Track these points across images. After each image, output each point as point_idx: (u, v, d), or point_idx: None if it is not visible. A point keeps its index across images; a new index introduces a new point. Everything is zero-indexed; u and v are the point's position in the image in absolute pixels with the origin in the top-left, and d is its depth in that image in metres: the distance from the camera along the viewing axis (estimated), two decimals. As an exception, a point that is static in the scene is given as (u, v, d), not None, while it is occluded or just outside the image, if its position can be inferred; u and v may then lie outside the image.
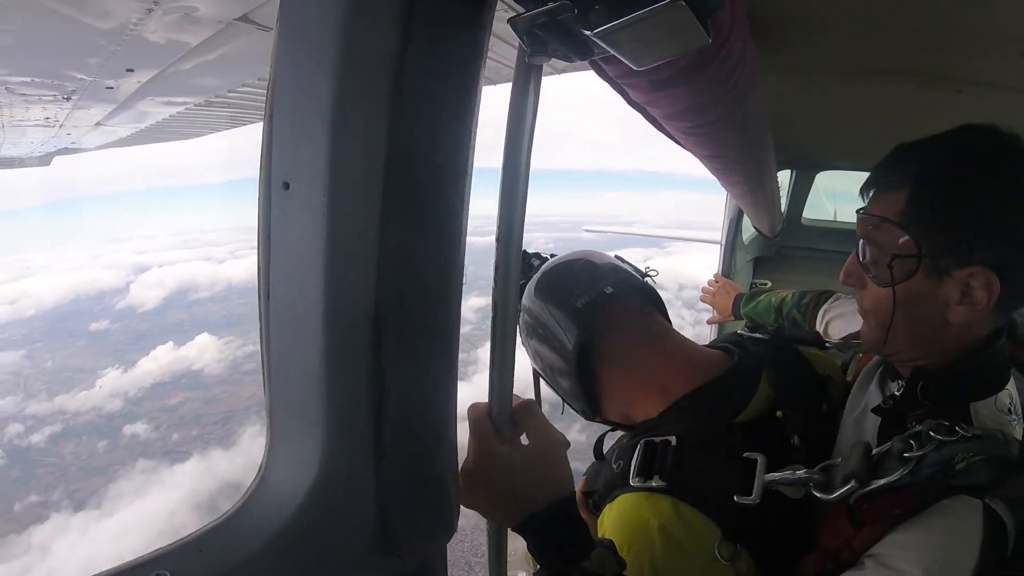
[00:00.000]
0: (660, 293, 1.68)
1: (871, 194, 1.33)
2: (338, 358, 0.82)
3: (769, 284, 2.84)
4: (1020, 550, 1.07)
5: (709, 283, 2.92)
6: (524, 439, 1.15)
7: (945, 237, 1.19)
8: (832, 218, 5.85)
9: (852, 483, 1.12)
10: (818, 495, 1.16)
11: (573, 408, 1.67)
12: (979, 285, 1.18)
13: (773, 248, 5.64)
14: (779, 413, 1.40)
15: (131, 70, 1.96)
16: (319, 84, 0.73)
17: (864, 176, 1.36)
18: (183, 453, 54.19)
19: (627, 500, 1.30)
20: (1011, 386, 1.30)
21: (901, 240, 1.22)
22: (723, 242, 5.44)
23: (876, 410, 1.35)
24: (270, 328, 0.85)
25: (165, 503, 46.89)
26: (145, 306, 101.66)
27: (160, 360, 74.81)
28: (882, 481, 1.11)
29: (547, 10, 0.80)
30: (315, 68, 0.73)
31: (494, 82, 3.50)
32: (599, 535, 1.35)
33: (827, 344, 1.74)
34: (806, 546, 1.26)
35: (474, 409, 1.12)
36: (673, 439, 1.31)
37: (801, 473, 1.19)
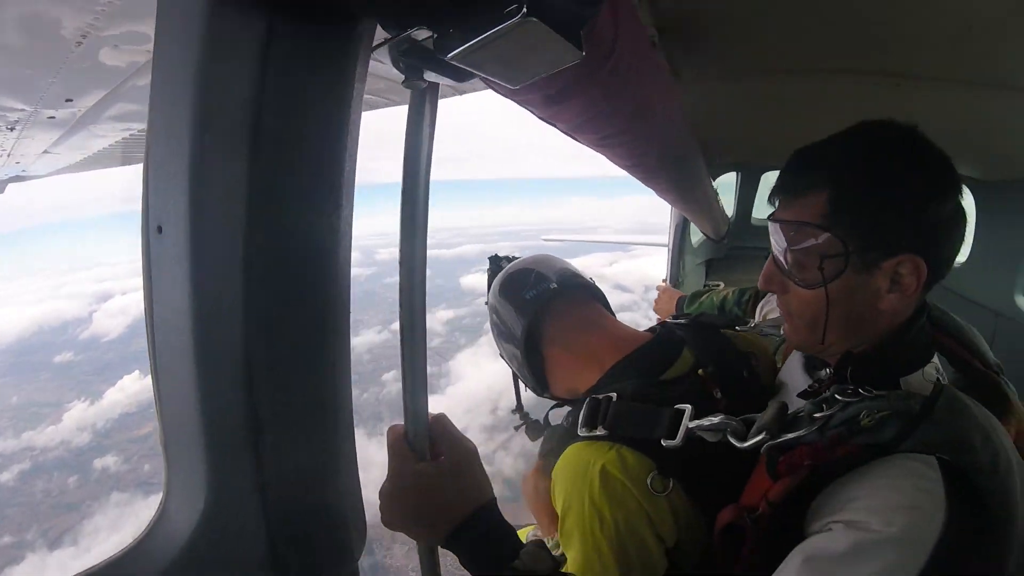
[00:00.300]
0: (626, 295, 1.85)
1: (779, 200, 1.37)
2: (213, 396, 0.82)
3: (721, 285, 2.92)
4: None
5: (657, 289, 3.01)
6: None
7: (870, 232, 1.24)
8: None
9: (764, 434, 1.22)
10: (733, 441, 1.27)
11: (527, 386, 1.92)
12: (907, 272, 1.24)
13: (723, 250, 5.74)
14: (700, 371, 1.56)
15: (70, 100, 1.95)
16: (181, 130, 0.74)
17: None
18: (156, 484, 52.92)
19: (572, 449, 1.45)
20: (936, 359, 1.37)
21: (827, 241, 1.26)
22: (670, 247, 5.61)
23: (803, 394, 1.39)
24: (157, 365, 0.86)
25: (141, 535, 45.80)
26: (109, 335, 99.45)
27: (127, 390, 73.01)
28: (791, 435, 1.20)
29: (406, 37, 0.82)
30: (179, 114, 0.74)
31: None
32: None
33: (751, 324, 1.92)
34: (737, 493, 1.34)
35: (391, 432, 1.15)
36: (614, 395, 1.46)
37: (717, 420, 1.30)
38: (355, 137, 0.89)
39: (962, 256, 4.68)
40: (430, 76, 0.91)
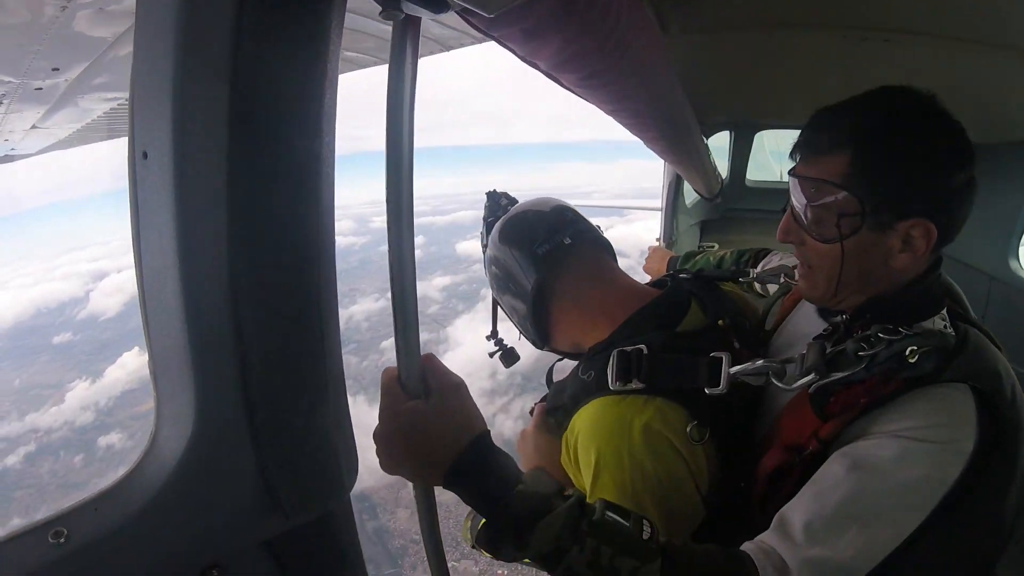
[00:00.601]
0: (622, 260, 1.85)
1: (800, 156, 1.40)
2: (199, 322, 0.83)
3: (716, 247, 2.92)
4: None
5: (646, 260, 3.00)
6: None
7: (887, 194, 1.30)
8: (778, 178, 5.87)
9: (812, 375, 1.27)
10: (779, 384, 1.32)
11: (525, 337, 1.85)
12: (919, 234, 1.30)
13: (717, 211, 5.68)
14: (721, 322, 1.58)
15: (57, 69, 1.94)
16: (164, 57, 0.74)
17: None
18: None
19: (605, 403, 1.45)
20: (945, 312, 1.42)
21: (845, 200, 1.31)
22: (663, 207, 5.49)
23: (820, 337, 1.42)
24: (144, 293, 0.87)
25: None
26: (107, 314, 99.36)
27: (127, 367, 73.32)
28: (840, 374, 1.25)
29: None
30: (161, 41, 0.74)
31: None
32: (568, 446, 1.53)
33: (754, 276, 1.96)
34: (761, 439, 1.46)
35: (385, 374, 1.13)
36: (644, 347, 1.46)
37: (760, 363, 1.35)
38: (334, 66, 0.88)
39: None
40: (408, 8, 0.89)
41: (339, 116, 0.91)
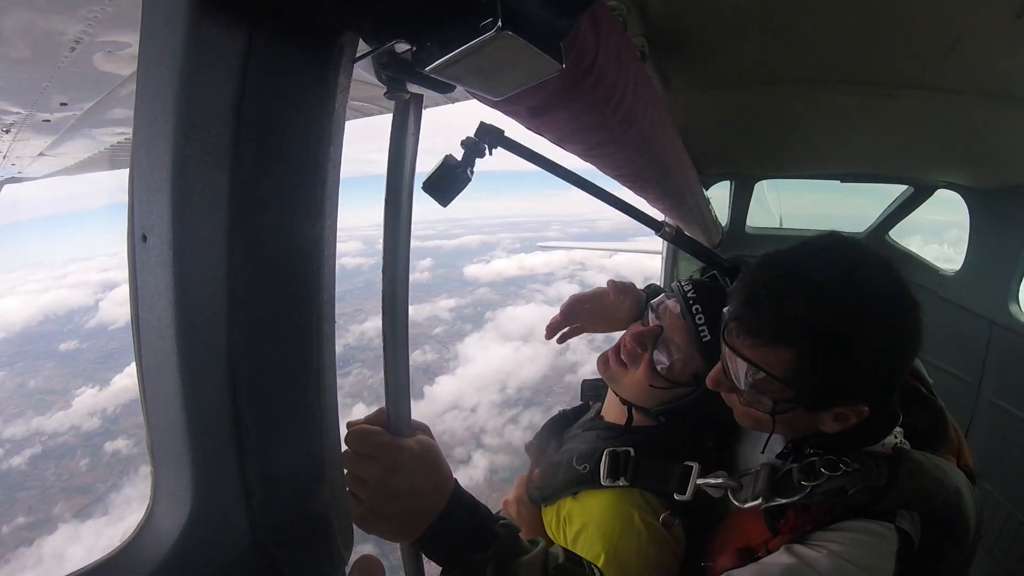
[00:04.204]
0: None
1: (739, 330, 1.41)
2: (197, 402, 0.82)
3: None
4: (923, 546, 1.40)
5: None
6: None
7: (827, 388, 1.36)
8: (778, 225, 5.92)
9: (760, 500, 1.45)
10: (733, 501, 1.52)
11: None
12: (850, 413, 1.39)
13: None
14: None
15: (64, 104, 1.96)
16: (164, 140, 0.74)
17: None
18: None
19: (606, 498, 1.72)
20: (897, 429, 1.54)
21: (785, 390, 1.38)
22: (664, 254, 5.57)
23: (781, 456, 1.57)
24: (143, 372, 0.86)
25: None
26: (117, 323, 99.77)
27: (135, 376, 73.50)
28: (784, 501, 1.42)
29: (386, 50, 0.82)
30: (161, 124, 0.74)
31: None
32: (559, 519, 1.80)
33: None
34: (718, 527, 1.67)
35: (356, 427, 1.11)
36: (631, 451, 1.75)
37: (720, 481, 1.57)
38: (338, 146, 0.88)
39: (956, 264, 4.59)
40: (413, 87, 0.91)
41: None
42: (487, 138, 1.60)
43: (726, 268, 1.92)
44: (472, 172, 1.53)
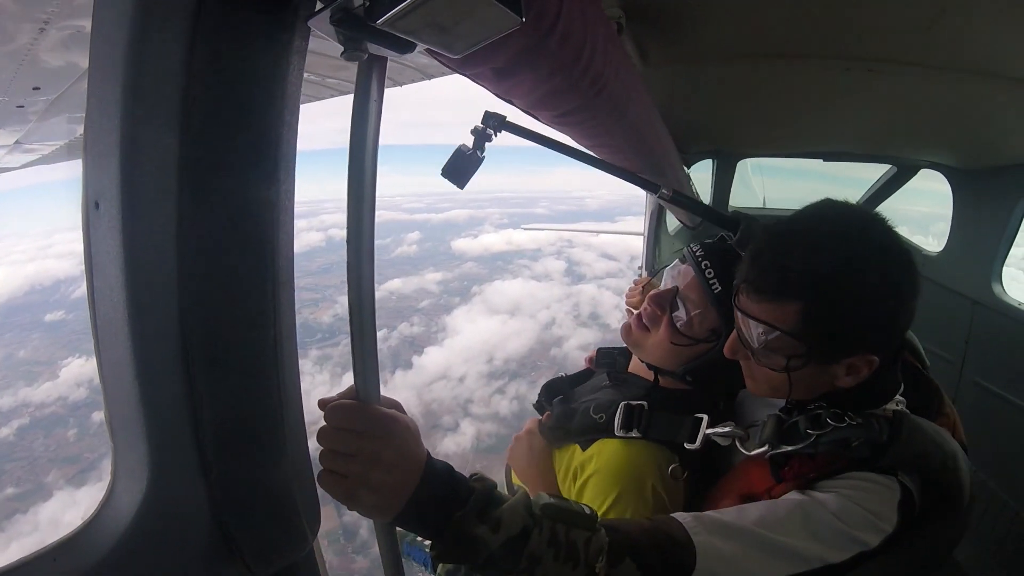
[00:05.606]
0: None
1: (748, 292, 1.49)
2: (150, 376, 0.81)
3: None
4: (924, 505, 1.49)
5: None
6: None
7: (835, 339, 1.43)
8: (761, 205, 5.88)
9: (767, 446, 1.51)
10: (740, 449, 1.60)
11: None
12: (862, 364, 1.48)
13: (700, 237, 5.54)
14: None
15: (38, 88, 1.92)
16: (113, 106, 0.73)
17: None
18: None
19: (623, 447, 1.82)
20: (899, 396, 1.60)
21: (795, 345, 1.44)
22: (645, 234, 5.55)
23: (784, 409, 1.64)
24: (99, 343, 0.85)
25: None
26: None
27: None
28: (789, 448, 1.47)
29: (338, 5, 0.78)
30: (110, 90, 0.73)
31: (399, 83, 3.45)
32: (572, 461, 1.90)
33: None
34: (722, 478, 1.76)
35: (336, 403, 1.08)
36: (644, 404, 1.85)
37: (728, 429, 1.64)
38: (294, 109, 0.85)
39: (939, 245, 4.58)
40: (373, 48, 0.87)
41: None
42: (492, 122, 1.87)
43: (727, 220, 1.97)
44: (483, 153, 1.87)
